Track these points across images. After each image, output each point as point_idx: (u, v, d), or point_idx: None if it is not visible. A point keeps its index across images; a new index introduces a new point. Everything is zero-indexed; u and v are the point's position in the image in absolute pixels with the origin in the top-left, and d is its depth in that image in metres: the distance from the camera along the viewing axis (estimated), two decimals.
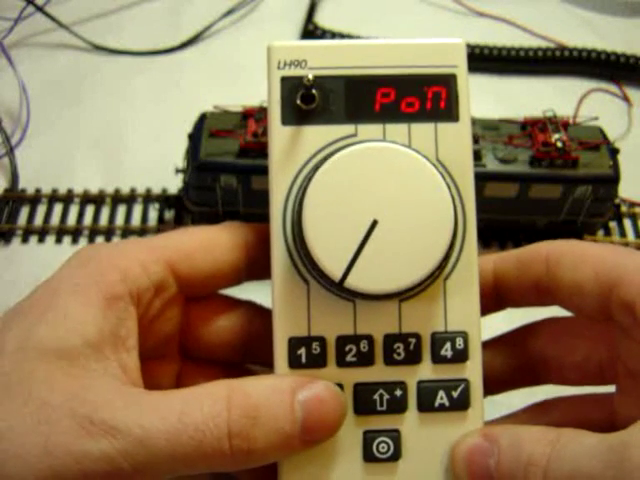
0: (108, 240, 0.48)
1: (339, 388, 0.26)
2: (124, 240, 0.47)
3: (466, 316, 0.28)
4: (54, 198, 0.50)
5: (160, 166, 0.50)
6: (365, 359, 0.27)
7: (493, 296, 0.30)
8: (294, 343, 0.27)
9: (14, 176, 0.51)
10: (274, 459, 0.26)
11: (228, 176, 0.43)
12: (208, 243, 0.29)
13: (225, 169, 0.43)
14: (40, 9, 0.61)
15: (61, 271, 0.27)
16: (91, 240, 0.48)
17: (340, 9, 0.67)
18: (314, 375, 0.26)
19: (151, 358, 0.29)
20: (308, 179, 0.26)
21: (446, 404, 0.27)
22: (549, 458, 0.23)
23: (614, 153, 0.45)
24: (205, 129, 0.44)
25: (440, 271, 0.27)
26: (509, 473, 0.24)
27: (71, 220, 0.49)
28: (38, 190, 0.50)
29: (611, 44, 0.62)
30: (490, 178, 0.43)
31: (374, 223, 0.26)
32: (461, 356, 0.27)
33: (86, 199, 0.50)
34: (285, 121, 0.28)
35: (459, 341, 0.27)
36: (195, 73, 0.61)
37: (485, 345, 0.29)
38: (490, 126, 0.46)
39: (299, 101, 0.27)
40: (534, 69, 0.62)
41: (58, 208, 0.49)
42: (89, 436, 0.22)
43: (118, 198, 0.50)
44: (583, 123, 0.46)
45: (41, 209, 0.49)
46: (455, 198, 0.27)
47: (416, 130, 0.28)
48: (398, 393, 0.27)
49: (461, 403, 0.27)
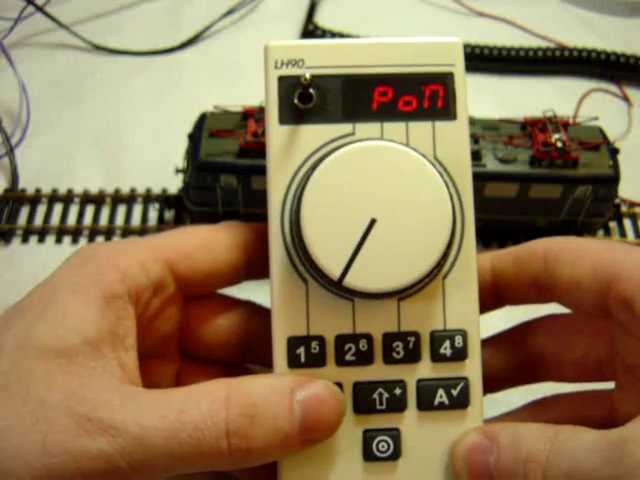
0: (108, 240, 0.48)
1: (338, 387, 0.26)
2: (123, 239, 0.47)
3: (465, 314, 0.28)
4: (54, 198, 0.50)
5: (160, 166, 0.50)
6: (364, 358, 0.27)
7: (491, 294, 0.30)
8: (293, 342, 0.27)
9: (14, 176, 0.51)
10: (273, 458, 0.26)
11: (228, 176, 0.43)
12: (207, 242, 0.29)
13: (225, 169, 0.43)
14: (40, 9, 0.61)
15: (60, 270, 0.27)
16: (91, 240, 0.48)
17: (340, 9, 0.67)
18: (313, 374, 0.26)
19: (150, 357, 0.29)
20: (306, 178, 0.26)
21: (446, 402, 0.27)
22: (548, 455, 0.23)
23: (614, 153, 0.44)
24: (205, 129, 0.44)
25: (439, 269, 0.27)
26: (509, 470, 0.24)
27: (71, 220, 0.49)
28: (38, 190, 0.50)
29: (611, 44, 0.62)
30: (490, 178, 0.43)
31: (372, 222, 0.26)
32: (460, 354, 0.27)
33: (86, 199, 0.50)
34: (283, 120, 0.28)
35: (458, 339, 0.27)
36: (195, 73, 0.61)
37: (484, 343, 0.29)
38: (490, 126, 0.46)
39: (296, 100, 0.27)
40: (534, 69, 0.62)
41: (58, 208, 0.49)
42: (87, 434, 0.22)
43: (118, 198, 0.50)
44: (583, 123, 0.46)
45: (41, 209, 0.49)
46: (453, 196, 0.27)
47: (414, 129, 0.28)
48: (397, 392, 0.27)
49: (461, 401, 0.27)
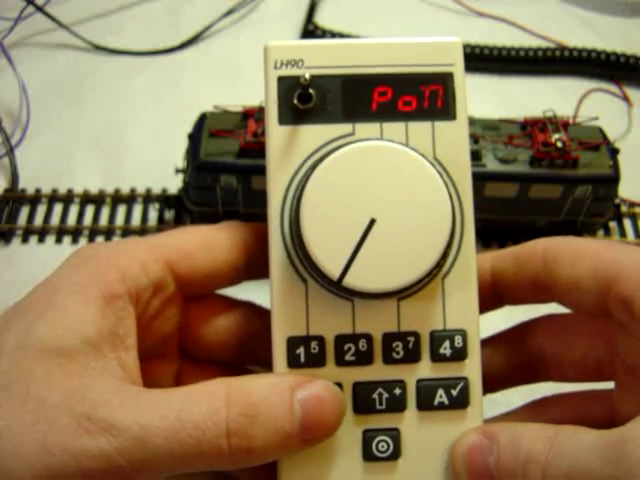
0: (108, 240, 0.48)
1: (338, 387, 0.26)
2: (123, 239, 0.47)
3: (465, 314, 0.28)
4: (54, 198, 0.50)
5: (160, 166, 0.50)
6: (364, 358, 0.27)
7: (491, 294, 0.30)
8: (293, 342, 0.27)
9: (14, 176, 0.51)
10: (273, 458, 0.26)
11: (228, 176, 0.43)
12: (207, 242, 0.29)
13: (225, 169, 0.43)
14: (40, 9, 0.61)
15: (60, 270, 0.27)
16: (91, 240, 0.48)
17: (340, 9, 0.67)
18: (313, 374, 0.26)
19: (150, 357, 0.29)
20: (306, 178, 0.26)
21: (445, 402, 0.27)
22: (548, 455, 0.23)
23: (614, 153, 0.44)
24: (205, 129, 0.44)
25: (438, 269, 0.27)
26: (508, 470, 0.24)
27: (71, 220, 0.49)
28: (38, 190, 0.50)
29: (611, 44, 0.62)
30: (490, 178, 0.43)
31: (372, 222, 0.26)
32: (460, 354, 0.27)
33: (86, 199, 0.50)
34: (282, 121, 0.28)
35: (458, 339, 0.27)
36: (195, 73, 0.61)
37: (484, 343, 0.29)
38: (490, 126, 0.46)
39: (296, 101, 0.27)
40: (534, 69, 0.62)
41: (58, 208, 0.49)
42: (87, 434, 0.22)
43: (118, 198, 0.50)
44: (583, 123, 0.46)
45: (41, 209, 0.49)
46: (453, 196, 0.27)
47: (413, 129, 0.28)
48: (397, 392, 0.27)
49: (460, 401, 0.27)
